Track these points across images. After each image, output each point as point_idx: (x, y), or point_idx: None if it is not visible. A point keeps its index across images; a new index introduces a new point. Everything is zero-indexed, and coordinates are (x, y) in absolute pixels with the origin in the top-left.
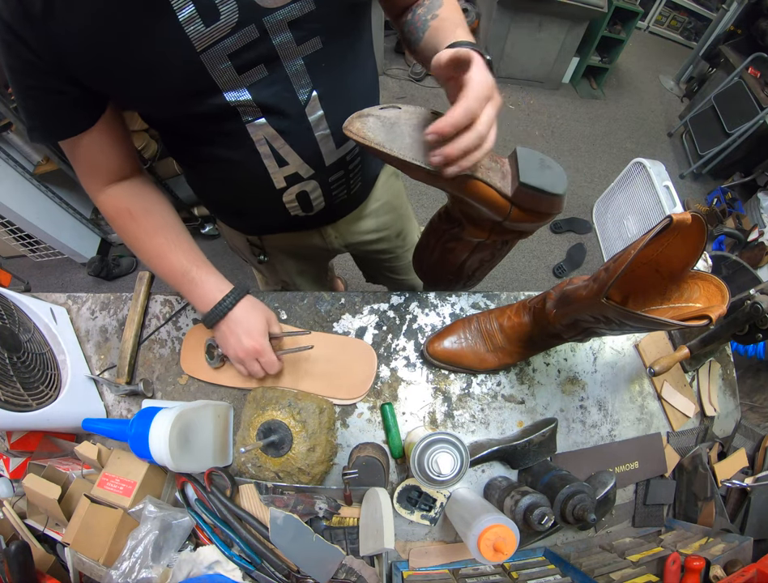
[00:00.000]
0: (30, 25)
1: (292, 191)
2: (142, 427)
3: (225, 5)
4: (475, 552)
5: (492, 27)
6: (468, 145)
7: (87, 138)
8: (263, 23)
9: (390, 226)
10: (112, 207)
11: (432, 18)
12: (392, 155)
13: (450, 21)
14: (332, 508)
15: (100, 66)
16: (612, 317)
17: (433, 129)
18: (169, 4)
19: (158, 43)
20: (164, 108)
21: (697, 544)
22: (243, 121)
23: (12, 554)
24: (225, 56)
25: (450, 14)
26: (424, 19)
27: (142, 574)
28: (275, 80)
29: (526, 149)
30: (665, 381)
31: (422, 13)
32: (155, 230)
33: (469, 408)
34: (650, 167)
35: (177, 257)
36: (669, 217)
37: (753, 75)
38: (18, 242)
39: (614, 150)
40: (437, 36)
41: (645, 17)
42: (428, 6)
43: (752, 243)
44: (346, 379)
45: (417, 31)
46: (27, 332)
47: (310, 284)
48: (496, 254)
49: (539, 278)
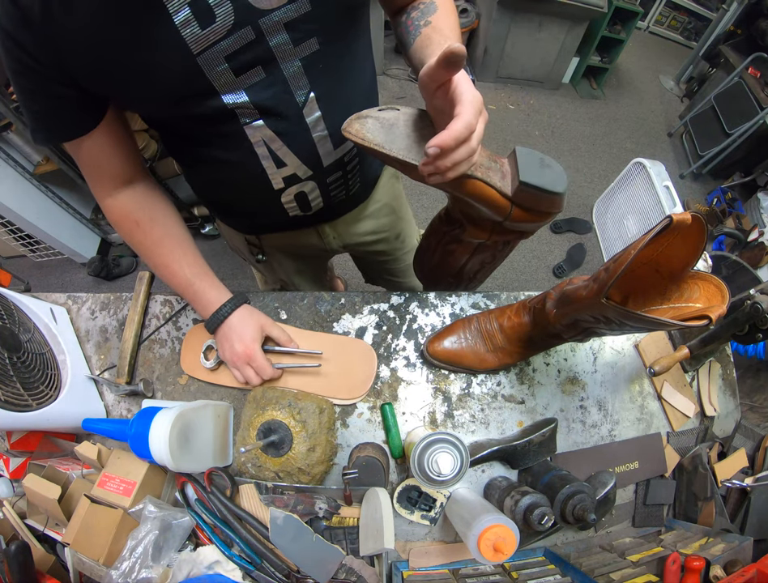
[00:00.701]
0: (29, 30)
1: (291, 191)
2: (142, 427)
3: (221, 7)
4: (475, 552)
5: (492, 27)
6: (461, 158)
7: (89, 140)
8: (259, 24)
9: (389, 228)
10: (117, 214)
11: (424, 24)
12: (391, 155)
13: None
14: (332, 508)
15: (99, 68)
16: (612, 317)
17: (436, 142)
18: (165, 7)
19: (155, 45)
20: (163, 109)
21: (697, 544)
22: (241, 123)
23: (12, 554)
24: (222, 58)
25: (443, 22)
26: (416, 24)
27: (142, 574)
28: (272, 82)
29: (525, 148)
30: (665, 381)
31: (415, 17)
32: (160, 240)
33: (469, 408)
34: (650, 167)
35: (181, 269)
36: (669, 217)
37: (753, 75)
38: (18, 242)
39: (614, 150)
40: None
41: (645, 17)
42: (422, 11)
43: (752, 243)
44: (346, 379)
45: (409, 36)
46: (27, 332)
47: (309, 284)
48: (497, 256)
49: (539, 278)
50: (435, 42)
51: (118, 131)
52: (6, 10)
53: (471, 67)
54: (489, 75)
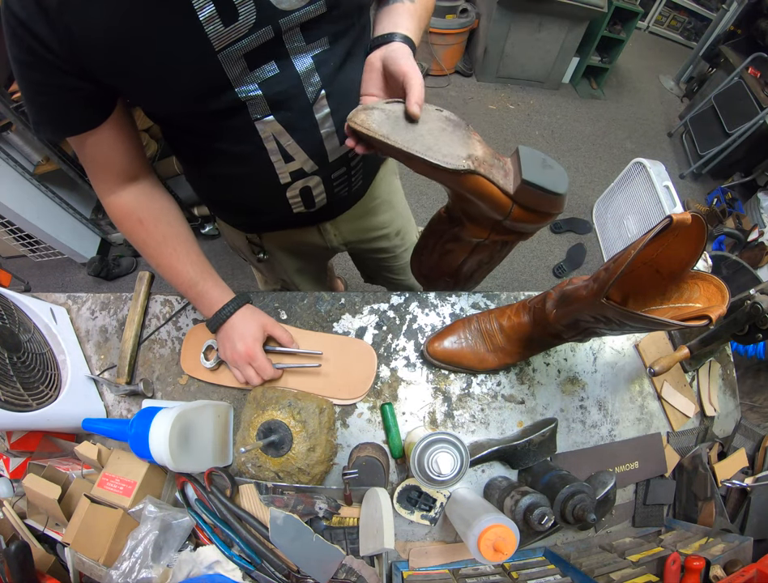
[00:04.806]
0: (44, 18)
1: (296, 186)
2: (142, 427)
3: (244, 6)
4: (475, 552)
5: (492, 27)
6: None
7: (96, 135)
8: (279, 24)
9: (388, 224)
10: (120, 212)
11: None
12: (396, 146)
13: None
14: (332, 508)
15: (115, 61)
16: (612, 317)
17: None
18: (190, 3)
19: (177, 41)
20: (176, 103)
21: (697, 544)
22: (252, 118)
23: (12, 554)
24: (241, 55)
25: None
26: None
27: (142, 574)
28: (285, 77)
29: (528, 148)
30: (665, 381)
31: None
32: (164, 239)
33: (469, 408)
34: (650, 167)
35: (185, 269)
36: (669, 217)
37: (753, 75)
38: (18, 242)
39: (614, 150)
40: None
41: (645, 17)
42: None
43: (752, 243)
44: (346, 379)
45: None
46: (27, 332)
47: (309, 283)
48: (494, 256)
49: (539, 278)
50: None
51: (125, 127)
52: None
53: (472, 67)
54: (489, 75)
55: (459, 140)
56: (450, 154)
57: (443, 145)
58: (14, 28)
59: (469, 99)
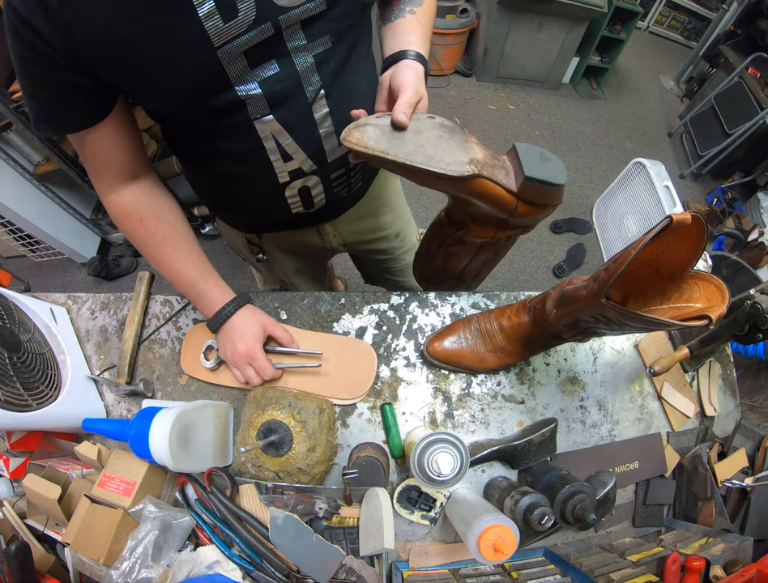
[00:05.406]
0: (44, 14)
1: (295, 185)
2: (142, 427)
3: (243, 2)
4: (475, 552)
5: (492, 27)
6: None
7: (96, 132)
8: (279, 21)
9: (388, 226)
10: (120, 210)
11: (409, 11)
12: (398, 161)
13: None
14: (332, 508)
15: (115, 57)
16: (612, 317)
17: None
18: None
19: (177, 37)
20: (176, 101)
21: (697, 544)
22: (251, 117)
23: (12, 554)
24: (241, 52)
25: (425, 16)
26: (401, 8)
27: (142, 574)
28: (285, 76)
29: (524, 144)
30: (665, 381)
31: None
32: (164, 239)
33: (469, 408)
34: (650, 167)
35: (186, 269)
36: (669, 217)
37: (753, 75)
38: (18, 242)
39: (614, 150)
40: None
41: (645, 17)
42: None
43: (752, 243)
44: (346, 379)
45: (391, 14)
46: (27, 332)
47: (308, 283)
48: (499, 252)
49: (539, 278)
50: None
51: (126, 125)
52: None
53: (472, 67)
54: (489, 75)
55: (458, 145)
56: (453, 161)
57: (444, 153)
58: (15, 25)
59: (469, 99)
